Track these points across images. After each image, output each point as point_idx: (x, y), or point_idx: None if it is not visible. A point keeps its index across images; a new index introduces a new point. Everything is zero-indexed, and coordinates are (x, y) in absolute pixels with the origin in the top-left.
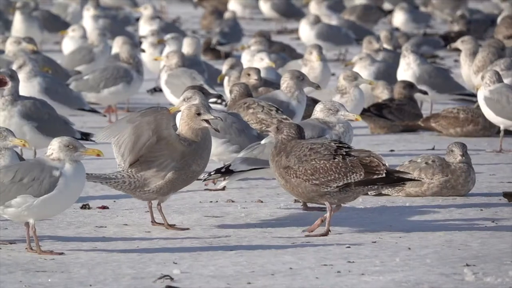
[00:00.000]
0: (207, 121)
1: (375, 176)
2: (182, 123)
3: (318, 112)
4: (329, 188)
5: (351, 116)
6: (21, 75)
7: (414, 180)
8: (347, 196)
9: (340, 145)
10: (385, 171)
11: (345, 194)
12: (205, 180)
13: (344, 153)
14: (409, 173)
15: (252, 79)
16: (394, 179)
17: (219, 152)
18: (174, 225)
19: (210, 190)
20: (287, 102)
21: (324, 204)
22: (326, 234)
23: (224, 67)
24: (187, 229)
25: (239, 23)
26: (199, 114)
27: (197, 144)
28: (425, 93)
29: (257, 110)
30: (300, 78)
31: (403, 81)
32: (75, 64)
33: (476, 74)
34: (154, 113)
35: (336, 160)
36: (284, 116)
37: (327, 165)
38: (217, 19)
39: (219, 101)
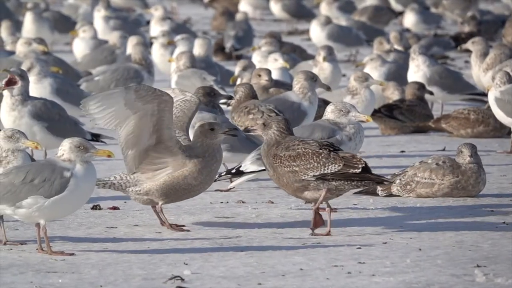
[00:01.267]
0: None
1: (351, 170)
2: (195, 139)
3: (329, 113)
4: (307, 176)
5: (362, 117)
6: (31, 78)
7: (389, 181)
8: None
9: (332, 146)
10: (362, 166)
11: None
12: (215, 181)
13: (331, 149)
14: (386, 178)
15: (263, 80)
16: (370, 177)
17: None
18: (179, 225)
19: (221, 191)
20: (298, 103)
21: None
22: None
23: (236, 68)
24: (188, 230)
25: (251, 25)
26: (212, 129)
27: (200, 159)
28: (431, 93)
29: (257, 116)
30: (313, 79)
31: (416, 82)
32: (96, 64)
33: (485, 72)
34: (156, 99)
35: (320, 150)
36: None
37: (310, 153)
38: (227, 20)
39: (229, 102)
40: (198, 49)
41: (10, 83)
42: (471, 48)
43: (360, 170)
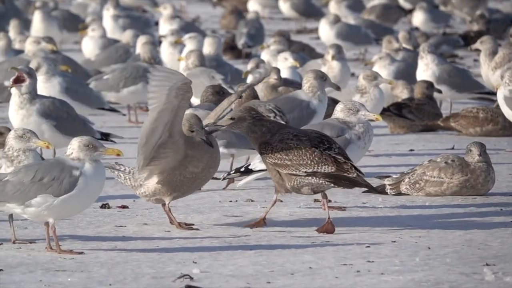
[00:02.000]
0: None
1: (345, 174)
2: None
3: (339, 112)
4: (298, 172)
5: (372, 116)
6: (40, 77)
7: (370, 188)
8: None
9: (324, 139)
10: (356, 174)
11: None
12: (224, 179)
13: (324, 148)
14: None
15: (272, 79)
16: (360, 182)
17: None
18: (188, 223)
19: (225, 188)
20: (307, 101)
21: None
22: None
23: (249, 64)
24: (197, 229)
25: (262, 24)
26: (192, 131)
27: (197, 148)
28: (440, 92)
29: None
30: (323, 79)
31: (425, 81)
32: (111, 63)
33: (494, 70)
34: (183, 95)
35: (313, 148)
36: (284, 120)
37: (303, 150)
38: (236, 19)
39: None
40: (208, 47)
41: (18, 81)
42: (480, 48)
43: (354, 175)
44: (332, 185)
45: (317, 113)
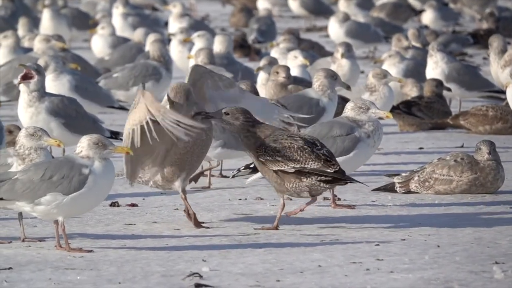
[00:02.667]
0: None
1: (329, 169)
2: None
3: (349, 110)
4: (286, 167)
5: (382, 114)
6: (49, 75)
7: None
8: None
9: (317, 142)
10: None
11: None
12: (233, 176)
13: (317, 149)
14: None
15: (281, 77)
16: (342, 177)
17: None
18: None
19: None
20: (317, 99)
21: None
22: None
23: (262, 61)
24: (207, 227)
25: (274, 21)
26: (172, 103)
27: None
28: (449, 90)
29: None
30: (333, 77)
31: (434, 79)
32: (125, 61)
33: (503, 68)
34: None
35: (304, 146)
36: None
37: (295, 147)
38: (246, 17)
39: None
40: (219, 45)
41: (26, 78)
42: (490, 48)
43: (335, 169)
44: (324, 184)
45: (327, 112)
